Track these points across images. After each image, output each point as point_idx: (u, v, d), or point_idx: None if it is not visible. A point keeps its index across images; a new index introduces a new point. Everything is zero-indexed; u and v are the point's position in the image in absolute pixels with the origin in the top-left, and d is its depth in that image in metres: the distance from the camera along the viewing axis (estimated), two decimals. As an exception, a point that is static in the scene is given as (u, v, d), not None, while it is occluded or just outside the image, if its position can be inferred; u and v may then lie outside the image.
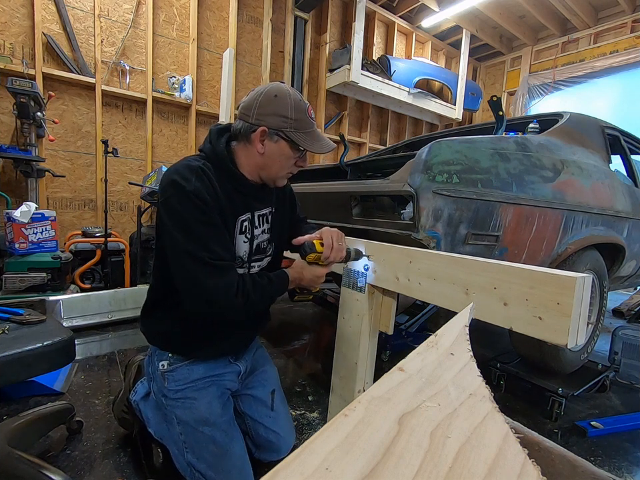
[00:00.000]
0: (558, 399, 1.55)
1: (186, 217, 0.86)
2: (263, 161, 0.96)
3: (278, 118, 0.90)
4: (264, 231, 1.07)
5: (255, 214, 1.03)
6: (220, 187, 0.92)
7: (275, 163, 0.96)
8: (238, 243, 0.99)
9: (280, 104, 0.90)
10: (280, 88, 0.92)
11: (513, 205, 1.28)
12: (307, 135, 0.94)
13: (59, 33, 3.13)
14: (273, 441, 1.12)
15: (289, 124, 0.91)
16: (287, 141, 0.93)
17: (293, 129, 0.92)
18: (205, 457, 0.96)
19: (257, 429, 1.13)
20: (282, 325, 2.66)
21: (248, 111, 0.92)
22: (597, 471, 0.40)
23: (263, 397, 1.17)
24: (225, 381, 1.08)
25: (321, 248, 1.02)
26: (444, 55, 6.17)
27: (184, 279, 0.88)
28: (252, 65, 4.29)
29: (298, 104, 0.92)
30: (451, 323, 0.50)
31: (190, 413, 0.98)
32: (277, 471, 0.24)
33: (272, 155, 0.95)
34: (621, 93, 5.01)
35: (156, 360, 1.05)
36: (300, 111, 0.92)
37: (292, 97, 0.92)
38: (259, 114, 0.91)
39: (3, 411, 1.38)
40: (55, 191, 3.26)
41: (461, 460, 0.27)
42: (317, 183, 1.75)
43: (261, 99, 0.90)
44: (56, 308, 2.20)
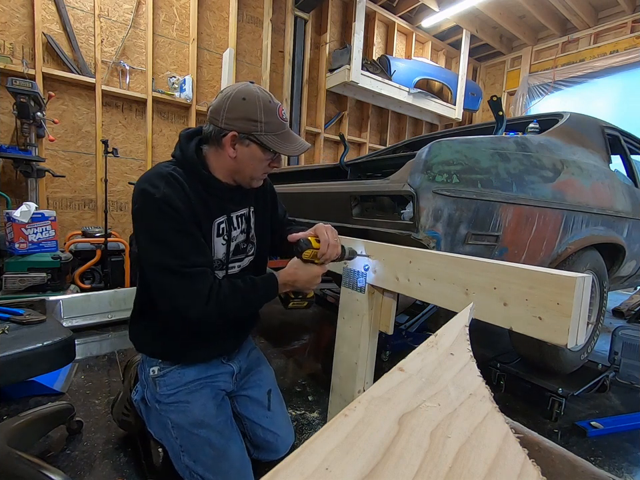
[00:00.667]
0: (558, 399, 1.55)
1: (155, 225, 0.86)
2: (235, 164, 0.95)
3: (247, 122, 0.89)
4: (242, 231, 1.06)
5: (232, 215, 1.02)
6: (192, 192, 0.91)
7: (247, 166, 0.95)
8: (216, 245, 0.99)
9: (249, 107, 0.88)
10: (248, 90, 0.90)
11: (513, 204, 1.28)
12: (279, 137, 0.93)
13: (59, 32, 3.13)
14: (271, 441, 1.12)
15: (259, 127, 0.89)
16: (258, 144, 0.91)
17: (263, 132, 0.90)
18: (201, 459, 0.95)
19: (254, 430, 1.12)
20: (282, 324, 2.66)
21: (217, 114, 0.90)
22: (597, 471, 0.40)
23: (258, 397, 1.16)
24: (218, 382, 1.07)
25: (317, 244, 1.00)
26: (444, 55, 6.18)
27: (155, 287, 0.89)
28: (252, 65, 4.29)
29: (267, 106, 0.90)
30: (451, 323, 0.50)
31: (184, 416, 0.98)
32: (276, 470, 0.24)
33: (244, 159, 0.94)
34: (621, 93, 5.01)
35: (147, 366, 1.05)
36: (270, 114, 0.90)
37: (261, 99, 0.89)
38: (227, 118, 0.89)
39: (3, 411, 1.38)
40: (54, 191, 3.26)
41: (461, 460, 0.27)
42: (316, 183, 1.75)
43: (229, 103, 0.89)
44: (56, 308, 2.20)
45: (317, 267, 1.02)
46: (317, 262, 1.03)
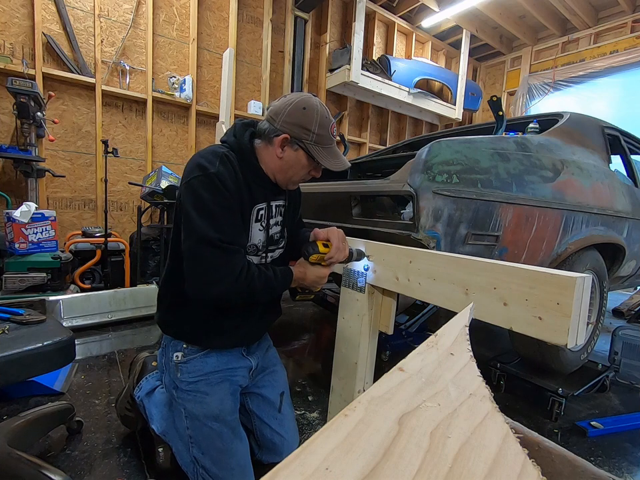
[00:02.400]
0: (558, 399, 1.55)
1: (205, 197, 0.89)
2: (280, 164, 1.00)
3: (302, 129, 0.95)
4: (277, 223, 1.11)
5: (272, 204, 1.07)
6: (242, 175, 0.97)
7: (290, 169, 1.01)
8: (253, 231, 1.03)
9: (307, 117, 0.95)
10: (310, 102, 0.97)
11: (513, 205, 1.28)
12: (325, 151, 0.99)
13: (59, 32, 3.13)
14: (277, 443, 1.13)
15: (310, 137, 0.96)
16: (305, 151, 0.98)
17: (313, 143, 0.96)
18: (210, 452, 0.98)
19: (262, 430, 1.14)
20: (282, 325, 2.66)
21: (276, 115, 0.97)
22: (597, 471, 0.40)
23: (272, 397, 1.17)
24: (237, 376, 1.09)
25: (323, 249, 1.04)
26: (444, 55, 6.18)
27: (191, 256, 0.90)
28: (252, 65, 4.29)
29: (323, 120, 0.96)
30: (450, 323, 0.50)
31: (200, 407, 1.00)
32: (276, 470, 0.24)
33: (289, 162, 1.00)
34: (621, 93, 5.01)
35: (170, 351, 1.06)
36: (323, 127, 0.96)
37: (319, 112, 0.96)
38: (285, 121, 0.95)
39: (3, 411, 1.38)
40: (54, 191, 3.26)
41: (461, 460, 0.27)
42: (317, 183, 1.75)
43: (290, 108, 0.95)
44: (56, 308, 2.20)
45: (323, 269, 1.07)
46: (324, 264, 1.07)
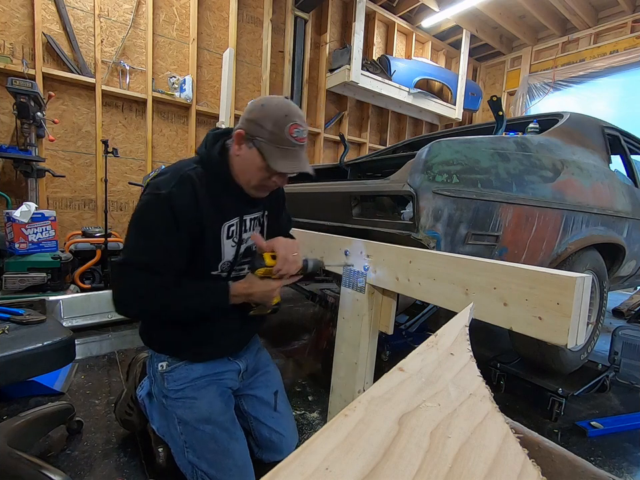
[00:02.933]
0: (558, 399, 1.55)
1: (144, 217, 0.91)
2: (237, 163, 0.98)
3: (256, 126, 0.91)
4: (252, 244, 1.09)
5: (246, 218, 1.05)
6: (209, 193, 0.95)
7: (247, 170, 0.97)
8: (225, 248, 1.01)
9: (263, 113, 0.91)
10: (273, 100, 0.94)
11: (513, 205, 1.28)
12: (280, 152, 0.92)
13: (59, 32, 3.13)
14: (276, 441, 1.13)
15: (263, 134, 0.91)
16: (258, 149, 0.93)
17: (266, 141, 0.91)
18: (206, 456, 0.97)
19: (260, 429, 1.13)
20: (282, 325, 2.66)
21: (248, 108, 0.96)
22: (597, 471, 0.40)
23: (266, 397, 1.17)
24: (225, 379, 1.09)
25: (271, 261, 0.98)
26: (444, 55, 6.18)
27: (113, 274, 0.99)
28: (252, 65, 4.29)
29: (280, 119, 0.90)
30: (450, 323, 0.50)
31: (190, 412, 0.99)
32: (276, 470, 0.24)
33: (245, 160, 0.96)
34: (621, 93, 5.01)
35: (155, 361, 1.06)
36: (278, 126, 0.90)
37: (277, 110, 0.91)
38: (244, 118, 0.95)
39: (3, 411, 1.38)
40: (54, 191, 3.26)
41: (461, 460, 0.27)
42: (317, 183, 1.75)
43: (251, 106, 0.95)
44: (56, 308, 2.20)
45: (273, 282, 1.01)
46: (274, 277, 1.01)
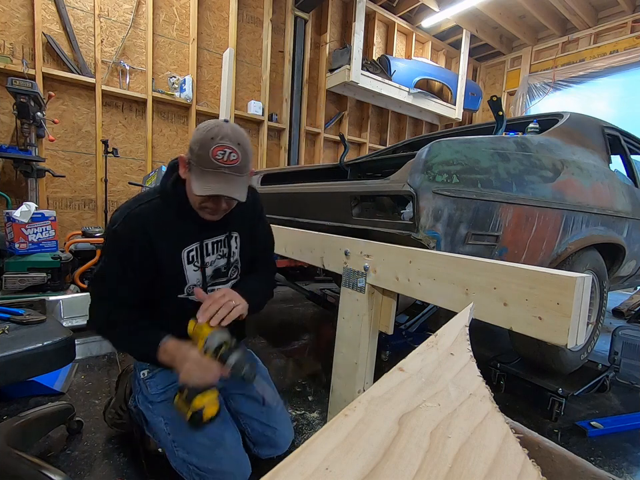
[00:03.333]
0: (558, 399, 1.55)
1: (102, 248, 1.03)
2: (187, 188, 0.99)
3: (190, 150, 0.93)
4: (222, 255, 1.10)
5: (207, 242, 1.06)
6: (165, 223, 0.99)
7: (189, 194, 0.98)
8: (188, 272, 1.04)
9: (195, 136, 0.92)
10: (206, 124, 0.93)
11: (513, 205, 1.28)
12: (202, 174, 0.90)
13: (59, 32, 3.13)
14: (270, 435, 1.12)
15: (193, 157, 0.92)
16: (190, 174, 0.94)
17: (195, 163, 0.91)
18: (195, 449, 0.96)
19: (252, 425, 1.13)
20: (282, 325, 2.66)
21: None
22: (597, 471, 0.40)
23: (253, 394, 1.16)
24: None
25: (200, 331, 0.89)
26: (444, 55, 6.18)
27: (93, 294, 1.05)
28: (252, 65, 4.29)
29: (205, 141, 0.89)
30: (450, 323, 0.50)
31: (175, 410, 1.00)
32: (276, 470, 0.24)
33: (187, 184, 0.98)
34: (621, 93, 5.01)
35: (138, 370, 1.10)
36: (204, 148, 0.89)
37: (206, 133, 0.90)
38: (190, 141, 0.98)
39: (3, 411, 1.38)
40: (55, 191, 3.26)
41: (461, 460, 0.27)
42: (317, 183, 1.75)
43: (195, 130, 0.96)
44: (56, 308, 2.20)
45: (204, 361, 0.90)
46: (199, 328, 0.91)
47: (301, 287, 2.27)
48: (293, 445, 1.31)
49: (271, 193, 2.01)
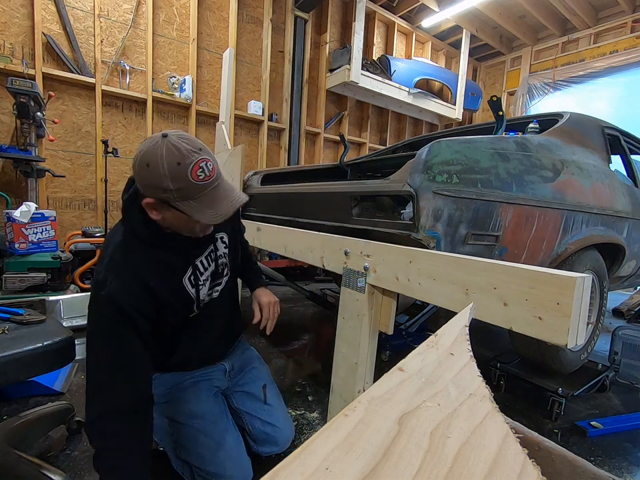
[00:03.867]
0: (558, 399, 1.55)
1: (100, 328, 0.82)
2: (164, 223, 0.86)
3: (158, 190, 0.78)
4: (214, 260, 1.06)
5: (197, 262, 0.99)
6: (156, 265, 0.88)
7: (179, 226, 0.88)
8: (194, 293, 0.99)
9: (154, 175, 0.76)
10: (153, 153, 0.76)
11: (513, 205, 1.28)
12: (198, 202, 0.80)
13: (59, 32, 3.13)
14: (270, 433, 1.14)
15: (171, 195, 0.78)
16: (178, 210, 0.81)
17: (178, 200, 0.79)
18: (197, 451, 0.96)
19: (253, 423, 1.14)
20: (282, 325, 2.66)
21: (133, 168, 0.81)
22: (597, 471, 0.40)
23: (254, 392, 1.19)
24: (211, 379, 1.12)
25: None
26: (444, 55, 6.18)
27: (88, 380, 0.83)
28: (252, 64, 4.29)
29: (175, 171, 0.75)
30: (451, 323, 0.50)
31: (178, 409, 1.01)
32: (276, 470, 0.24)
33: (173, 221, 0.85)
34: (621, 92, 5.01)
35: None
36: (180, 179, 0.76)
37: (166, 163, 0.75)
38: (139, 184, 0.81)
39: (3, 411, 1.38)
40: (55, 191, 3.26)
41: (461, 460, 0.27)
42: (317, 183, 1.75)
43: (137, 167, 0.78)
44: (56, 308, 2.20)
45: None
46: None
47: (300, 286, 2.27)
48: (293, 444, 1.32)
49: (270, 193, 2.01)
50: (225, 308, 1.16)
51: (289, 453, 1.32)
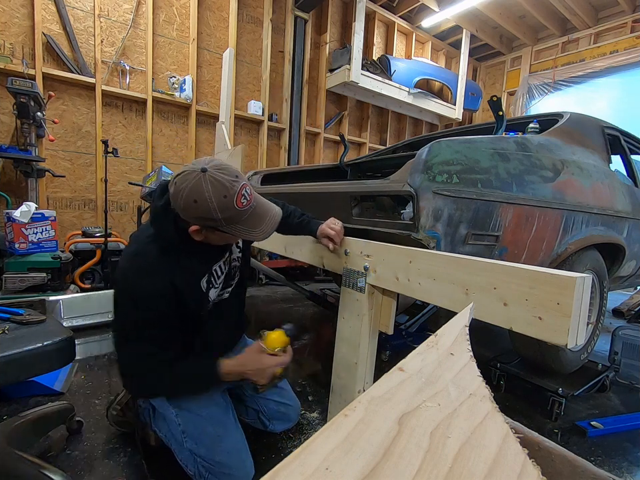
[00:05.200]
0: (558, 399, 1.55)
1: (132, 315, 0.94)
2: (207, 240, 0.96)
3: (206, 220, 0.87)
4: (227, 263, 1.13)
5: (215, 267, 1.07)
6: (175, 266, 0.96)
7: (219, 242, 0.99)
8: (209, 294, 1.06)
9: (202, 209, 0.84)
10: (198, 190, 0.83)
11: (513, 205, 1.28)
12: (243, 225, 0.91)
13: (59, 32, 3.13)
14: (284, 411, 1.26)
15: (219, 223, 0.88)
16: (225, 232, 0.92)
17: (225, 225, 0.89)
18: (203, 440, 1.00)
19: (268, 405, 1.24)
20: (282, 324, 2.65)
21: (176, 201, 0.87)
22: (597, 471, 0.40)
23: None
24: None
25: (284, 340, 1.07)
26: (444, 55, 6.18)
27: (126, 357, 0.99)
28: (252, 64, 4.29)
29: (222, 203, 0.84)
30: (450, 323, 0.50)
31: (190, 400, 1.05)
32: (276, 470, 0.24)
33: (215, 239, 0.96)
34: (621, 92, 5.01)
35: None
36: (227, 209, 0.85)
37: (214, 198, 0.83)
38: (185, 215, 0.89)
39: (3, 411, 1.38)
40: (54, 191, 3.26)
41: (461, 460, 0.27)
42: (317, 183, 1.75)
43: (183, 203, 0.85)
44: (56, 308, 2.20)
45: (267, 359, 1.05)
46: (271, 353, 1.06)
47: (301, 286, 2.26)
48: (293, 444, 1.32)
49: (270, 193, 2.01)
50: (233, 308, 1.21)
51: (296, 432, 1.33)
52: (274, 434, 1.33)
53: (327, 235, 1.24)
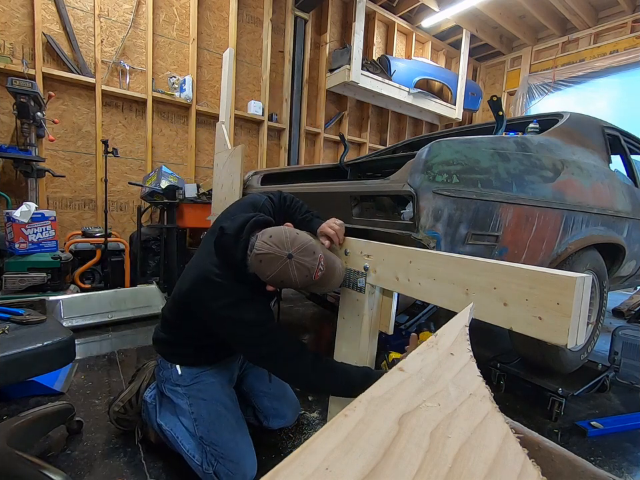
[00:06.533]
0: (558, 399, 1.55)
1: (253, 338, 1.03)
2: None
3: (286, 283, 1.00)
4: None
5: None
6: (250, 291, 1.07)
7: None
8: None
9: (288, 284, 1.00)
10: (286, 274, 0.96)
11: (513, 205, 1.28)
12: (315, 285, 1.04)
13: (59, 32, 3.13)
14: (278, 407, 1.29)
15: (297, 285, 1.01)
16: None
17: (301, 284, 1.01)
18: (215, 427, 1.05)
19: (261, 401, 1.28)
20: (282, 324, 2.65)
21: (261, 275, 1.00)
22: (597, 471, 0.40)
23: (259, 373, 1.33)
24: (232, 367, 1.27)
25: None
26: (444, 55, 6.18)
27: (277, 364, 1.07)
28: (252, 64, 4.29)
29: (304, 280, 0.98)
30: (450, 323, 0.50)
31: (204, 388, 1.11)
32: (276, 470, 0.24)
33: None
34: (621, 92, 5.01)
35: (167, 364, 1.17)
36: (307, 282, 1.00)
37: (298, 278, 0.97)
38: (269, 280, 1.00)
39: (3, 411, 1.38)
40: (55, 191, 3.26)
41: (461, 460, 0.27)
42: (317, 183, 1.75)
43: (269, 280, 0.99)
44: (56, 308, 2.20)
45: None
46: None
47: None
48: (293, 444, 1.32)
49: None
50: None
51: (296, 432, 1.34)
52: (274, 434, 1.34)
53: (326, 233, 1.26)
